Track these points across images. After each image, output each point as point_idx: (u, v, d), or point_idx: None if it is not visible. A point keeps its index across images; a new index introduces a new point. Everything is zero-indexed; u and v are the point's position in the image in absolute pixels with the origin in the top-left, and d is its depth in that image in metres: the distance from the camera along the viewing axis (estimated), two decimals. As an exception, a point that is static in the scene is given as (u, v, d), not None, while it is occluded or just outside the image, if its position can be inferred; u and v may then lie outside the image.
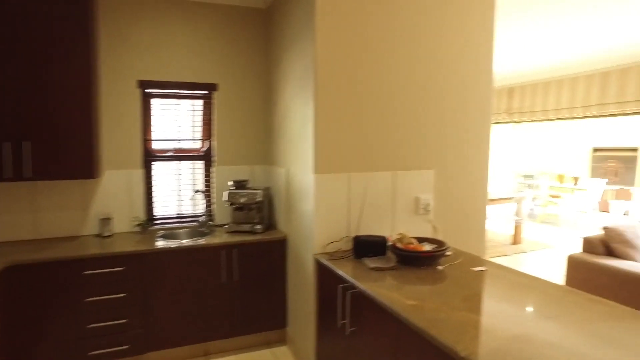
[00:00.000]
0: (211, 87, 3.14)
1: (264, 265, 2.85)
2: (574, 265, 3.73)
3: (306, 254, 2.50)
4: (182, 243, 2.65)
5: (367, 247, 2.28)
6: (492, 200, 6.11)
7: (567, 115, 6.69)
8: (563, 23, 4.22)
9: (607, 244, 3.71)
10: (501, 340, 1.28)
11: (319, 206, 2.35)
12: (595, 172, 9.83)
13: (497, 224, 7.90)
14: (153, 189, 3.07)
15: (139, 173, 3.00)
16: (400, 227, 2.57)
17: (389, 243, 2.29)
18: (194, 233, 2.98)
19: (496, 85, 8.03)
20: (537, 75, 7.01)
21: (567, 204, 8.43)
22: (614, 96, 6.03)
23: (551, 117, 6.98)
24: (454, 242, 2.78)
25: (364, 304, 1.82)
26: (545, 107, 7.07)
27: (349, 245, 2.42)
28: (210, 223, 3.18)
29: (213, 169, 3.21)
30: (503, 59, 5.64)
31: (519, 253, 5.86)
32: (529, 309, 1.55)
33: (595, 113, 6.27)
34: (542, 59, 5.78)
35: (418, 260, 2.12)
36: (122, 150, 2.95)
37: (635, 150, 9.18)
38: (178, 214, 3.16)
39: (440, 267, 2.10)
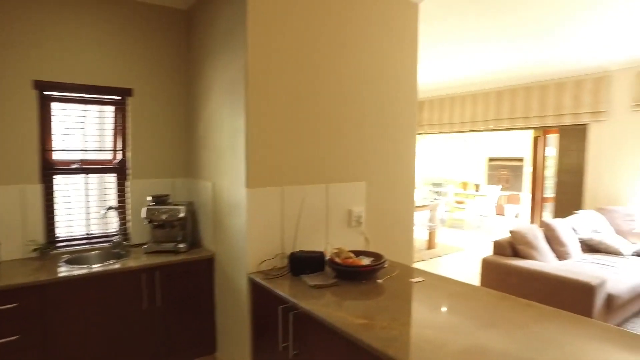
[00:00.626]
0: (125, 92, 2.84)
1: (190, 287, 2.62)
2: (487, 267, 4.02)
3: (238, 273, 2.34)
4: (93, 268, 2.32)
5: (304, 264, 2.19)
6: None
7: (470, 128, 7.30)
8: (466, 47, 4.60)
9: (514, 246, 4.07)
10: (457, 355, 1.28)
11: (252, 222, 2.22)
12: (491, 180, 10.89)
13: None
14: (55, 206, 2.67)
15: (36, 189, 2.58)
16: (333, 240, 2.53)
17: (327, 258, 2.23)
18: (107, 256, 2.64)
19: (407, 98, 8.50)
20: (444, 90, 7.57)
21: (470, 209, 9.19)
22: (507, 112, 6.71)
23: (456, 129, 7.56)
24: (384, 252, 2.81)
25: (309, 325, 1.73)
26: (451, 120, 7.64)
27: (284, 262, 2.31)
28: (126, 243, 2.85)
29: (128, 183, 2.89)
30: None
31: (434, 257, 6.21)
32: (472, 318, 1.59)
33: (492, 127, 6.92)
34: (448, 76, 6.25)
35: (358, 275, 2.09)
36: (13, 162, 2.52)
37: (521, 160, 10.34)
38: (87, 234, 2.78)
39: (380, 281, 2.09)
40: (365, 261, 2.19)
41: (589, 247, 4.76)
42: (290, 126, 2.32)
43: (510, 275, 3.80)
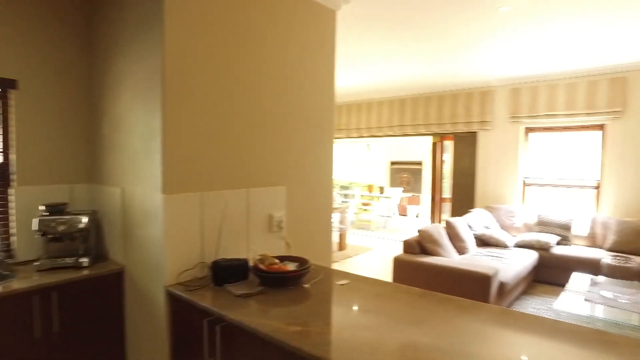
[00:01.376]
0: (7, 84, 2.45)
1: (95, 306, 2.34)
2: (399, 265, 4.25)
3: (154, 287, 2.15)
4: (-31, 293, 1.95)
5: (227, 272, 2.09)
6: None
7: (376, 134, 7.69)
8: (372, 57, 4.85)
9: (421, 244, 4.36)
10: (395, 354, 1.31)
11: (170, 230, 2.06)
12: (393, 182, 11.60)
13: (321, 232, 8.47)
14: None
15: None
16: (255, 246, 2.46)
17: (250, 265, 2.15)
18: (-15, 277, 2.24)
19: (316, 103, 8.67)
20: (352, 97, 7.87)
21: (376, 210, 9.67)
22: (409, 119, 7.19)
23: (364, 134, 7.90)
24: (306, 255, 2.79)
25: (239, 338, 1.64)
26: (358, 125, 7.97)
27: (205, 272, 2.18)
28: (11, 261, 2.45)
29: (11, 190, 2.49)
30: None
31: (346, 258, 6.40)
32: (400, 316, 1.65)
33: (398, 132, 7.36)
34: (355, 83, 6.51)
35: (285, 281, 2.05)
36: None
37: (420, 163, 11.17)
38: (-43, 253, 2.33)
39: (306, 285, 2.08)
40: (291, 266, 2.16)
41: (482, 241, 5.29)
42: (210, 129, 2.20)
43: (419, 272, 4.06)
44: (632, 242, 4.81)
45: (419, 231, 4.38)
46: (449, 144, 7.19)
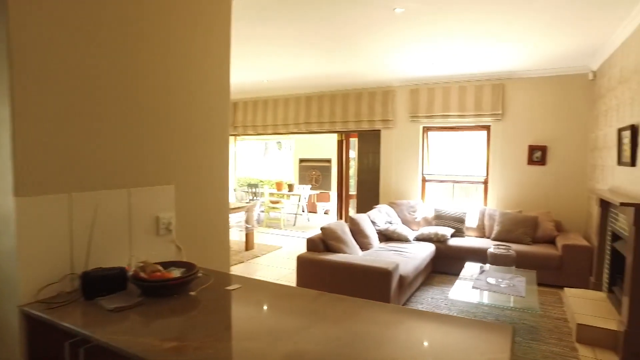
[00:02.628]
0: None
1: None
2: (302, 264, 4.20)
3: (4, 308, 1.81)
4: None
5: (100, 284, 1.83)
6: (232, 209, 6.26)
7: (283, 131, 7.61)
8: (273, 51, 4.76)
9: (325, 242, 4.36)
10: (277, 365, 1.21)
11: (26, 239, 1.74)
12: (303, 180, 11.66)
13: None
14: None
15: None
16: (140, 253, 2.21)
17: (130, 274, 1.92)
18: None
19: (222, 99, 8.34)
20: (259, 93, 7.70)
21: (285, 208, 9.62)
22: (315, 116, 7.23)
23: (270, 131, 7.78)
24: (199, 259, 2.60)
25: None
26: (265, 122, 7.82)
27: (75, 285, 1.89)
28: None
29: None
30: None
31: (253, 258, 6.23)
32: (290, 322, 1.56)
33: (304, 130, 7.36)
34: (261, 78, 6.36)
35: (167, 289, 1.85)
36: None
37: (329, 161, 11.37)
38: None
39: (192, 293, 1.90)
40: (176, 273, 1.96)
41: (385, 237, 5.48)
42: (79, 120, 1.91)
43: (323, 270, 4.06)
44: (512, 231, 5.34)
45: (321, 229, 4.39)
46: (354, 142, 7.38)
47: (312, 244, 4.36)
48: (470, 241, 5.40)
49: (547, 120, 5.65)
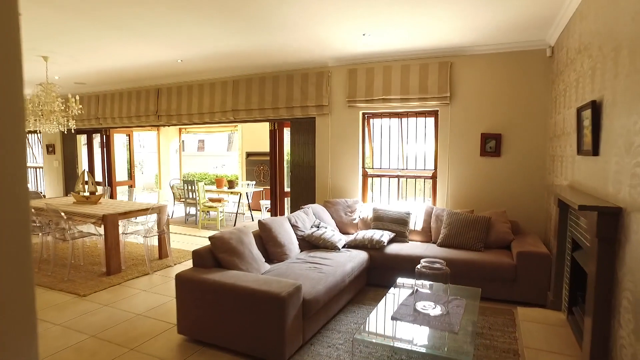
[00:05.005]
0: None
1: None
2: (183, 285, 3.22)
3: None
4: None
5: None
6: (128, 213, 5.22)
7: (208, 119, 6.59)
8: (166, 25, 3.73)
9: (215, 255, 3.40)
10: None
11: None
12: (250, 175, 10.64)
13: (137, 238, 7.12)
14: None
15: None
16: None
17: None
18: None
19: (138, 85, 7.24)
20: (183, 77, 6.62)
21: (225, 207, 8.59)
22: (243, 103, 6.24)
23: (195, 120, 6.74)
24: None
25: None
26: (189, 110, 6.78)
27: None
28: None
29: None
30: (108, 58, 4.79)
31: (164, 268, 5.22)
32: None
33: (231, 118, 6.35)
34: (172, 57, 5.28)
35: None
36: None
37: (279, 155, 10.35)
38: None
39: None
40: None
41: (309, 244, 4.55)
42: None
43: (206, 292, 3.09)
44: (461, 234, 4.50)
45: (210, 239, 3.42)
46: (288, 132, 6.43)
47: (198, 257, 3.39)
48: (411, 247, 4.53)
49: (501, 104, 4.82)
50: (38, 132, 9.06)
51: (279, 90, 5.91)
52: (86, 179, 6.06)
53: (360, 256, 4.29)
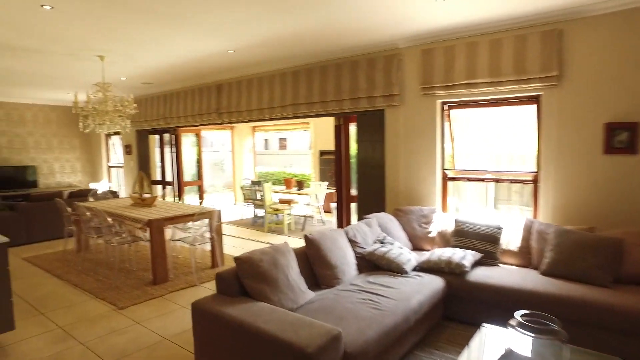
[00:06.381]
0: None
1: None
2: (198, 316, 2.61)
3: None
4: None
5: None
6: (175, 218, 4.84)
7: (268, 115, 6.05)
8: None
9: (241, 281, 2.73)
10: None
11: None
12: (324, 176, 10.00)
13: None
14: None
15: None
16: None
17: None
18: None
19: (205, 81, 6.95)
20: (241, 71, 6.14)
21: (294, 210, 8.05)
22: (304, 96, 5.58)
23: (255, 117, 6.24)
24: None
25: None
26: (249, 106, 6.29)
27: None
28: None
29: None
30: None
31: (213, 280, 4.77)
32: None
33: (290, 113, 5.73)
34: (222, 47, 4.76)
35: None
36: None
37: (353, 153, 9.56)
38: None
39: None
40: None
41: (370, 264, 3.72)
42: None
43: (223, 329, 2.44)
44: (576, 261, 3.31)
45: (235, 260, 2.75)
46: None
47: (222, 283, 2.75)
48: (503, 275, 3.45)
49: (636, 82, 3.51)
50: (119, 133, 9.35)
51: (343, 80, 5.13)
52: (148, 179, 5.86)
53: (434, 284, 3.34)
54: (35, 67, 5.63)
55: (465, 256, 3.61)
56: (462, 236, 3.99)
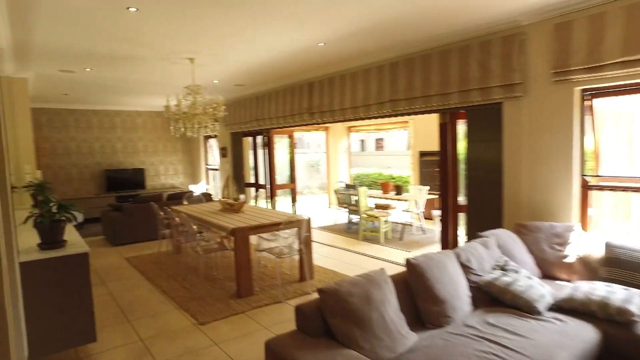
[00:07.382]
0: None
1: None
2: (272, 358, 2.14)
3: None
4: None
5: None
6: (259, 227, 4.51)
7: (362, 114, 5.49)
8: None
9: (324, 317, 2.21)
10: None
11: None
12: (424, 179, 9.14)
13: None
14: None
15: None
16: None
17: None
18: None
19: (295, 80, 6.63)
20: (333, 67, 5.67)
21: (391, 216, 7.38)
22: (402, 90, 4.90)
23: (349, 116, 5.73)
24: None
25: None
26: (342, 105, 5.80)
27: None
28: None
29: None
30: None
31: (300, 295, 4.38)
32: None
33: (389, 110, 5.10)
34: (311, 42, 4.30)
35: None
36: None
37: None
38: None
39: None
40: None
41: (489, 297, 2.94)
42: None
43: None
44: None
45: (319, 292, 2.23)
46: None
47: (303, 319, 2.25)
48: (689, 326, 2.45)
49: None
50: (216, 136, 9.56)
51: (450, 70, 4.35)
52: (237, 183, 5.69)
53: (584, 336, 2.47)
54: (135, 74, 5.79)
55: (630, 298, 2.64)
56: (618, 266, 3.00)
